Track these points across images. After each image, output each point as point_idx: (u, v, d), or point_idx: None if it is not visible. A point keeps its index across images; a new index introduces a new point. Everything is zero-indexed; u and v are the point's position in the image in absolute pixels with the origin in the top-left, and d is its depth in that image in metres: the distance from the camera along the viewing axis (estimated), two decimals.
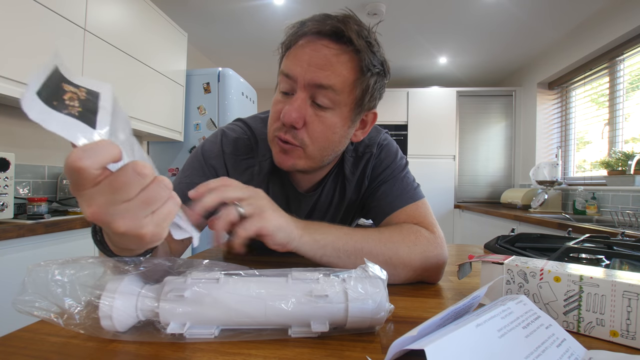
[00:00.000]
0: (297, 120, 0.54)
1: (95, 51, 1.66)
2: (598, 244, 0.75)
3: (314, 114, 0.55)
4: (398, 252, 0.54)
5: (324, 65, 0.53)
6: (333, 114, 0.56)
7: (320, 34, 0.54)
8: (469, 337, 0.27)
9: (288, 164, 0.59)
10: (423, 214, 0.64)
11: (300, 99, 0.54)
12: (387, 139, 0.73)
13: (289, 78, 0.55)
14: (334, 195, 0.72)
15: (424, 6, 2.42)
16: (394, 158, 0.71)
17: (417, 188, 0.69)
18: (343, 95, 0.55)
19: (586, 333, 0.37)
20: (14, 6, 1.28)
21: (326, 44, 0.54)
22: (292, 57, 0.56)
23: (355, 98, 0.57)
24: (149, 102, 2.10)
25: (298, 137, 0.56)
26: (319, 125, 0.56)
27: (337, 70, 0.53)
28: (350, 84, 0.55)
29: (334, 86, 0.54)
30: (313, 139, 0.56)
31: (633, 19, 2.11)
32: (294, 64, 0.55)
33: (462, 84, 3.89)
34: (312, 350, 0.33)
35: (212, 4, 2.44)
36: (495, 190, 3.60)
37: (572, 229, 1.29)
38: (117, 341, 0.34)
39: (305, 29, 0.55)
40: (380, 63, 0.58)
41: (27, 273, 0.33)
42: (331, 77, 0.53)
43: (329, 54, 0.53)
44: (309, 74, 0.53)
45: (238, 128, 0.69)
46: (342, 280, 0.37)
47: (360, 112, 0.60)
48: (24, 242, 1.20)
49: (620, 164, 2.12)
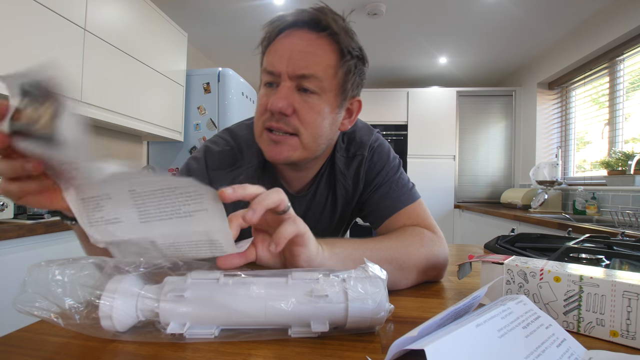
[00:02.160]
0: (286, 107, 0.54)
1: (95, 51, 1.66)
2: (598, 244, 0.75)
3: (302, 100, 0.56)
4: (410, 256, 0.54)
5: (305, 55, 0.54)
6: (320, 100, 0.57)
7: (298, 25, 0.55)
8: (469, 337, 0.27)
9: (282, 156, 0.58)
10: (422, 215, 0.65)
11: (286, 87, 0.55)
12: (379, 140, 0.73)
13: (272, 75, 0.56)
14: (327, 195, 0.72)
15: (424, 6, 2.42)
16: (386, 160, 0.70)
17: (413, 188, 0.69)
18: (327, 81, 0.56)
19: (586, 333, 0.37)
20: (14, 6, 1.28)
21: (305, 33, 0.55)
22: (272, 52, 0.57)
23: (338, 83, 0.58)
24: (149, 102, 2.10)
25: (290, 124, 0.56)
26: (309, 110, 0.56)
27: (319, 56, 0.55)
28: (332, 67, 0.56)
29: (317, 74, 0.55)
30: (305, 124, 0.57)
31: (633, 19, 2.11)
32: (275, 60, 0.55)
33: (462, 84, 3.89)
34: (312, 350, 0.33)
35: (212, 4, 2.44)
36: (495, 190, 3.60)
37: (572, 229, 1.29)
38: (117, 341, 0.34)
39: (283, 21, 0.56)
40: (359, 48, 0.60)
41: (28, 273, 0.33)
42: (312, 66, 0.54)
43: (309, 41, 0.55)
44: (291, 66, 0.54)
45: (221, 140, 0.68)
46: (342, 280, 0.37)
47: (345, 99, 0.61)
48: (24, 242, 1.20)
49: (620, 164, 2.12)
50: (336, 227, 0.77)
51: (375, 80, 3.97)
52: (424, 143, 3.64)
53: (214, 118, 2.45)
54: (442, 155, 3.63)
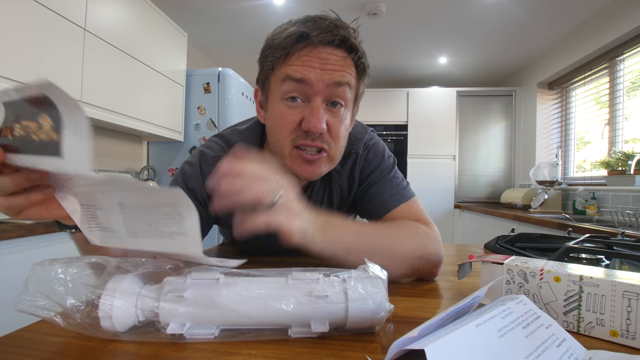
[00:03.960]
0: (324, 128, 0.55)
1: (95, 51, 1.66)
2: (598, 244, 0.75)
3: (332, 116, 0.57)
4: (403, 245, 0.55)
5: (337, 67, 0.55)
6: (344, 112, 0.59)
7: (323, 43, 0.54)
8: (469, 337, 0.27)
9: (316, 173, 0.59)
10: (416, 212, 0.65)
11: (320, 105, 0.55)
12: (374, 138, 0.73)
13: (302, 83, 0.54)
14: (323, 194, 0.72)
15: (424, 6, 2.42)
16: (381, 158, 0.71)
17: (407, 187, 0.69)
18: (352, 93, 0.59)
19: (586, 333, 0.37)
20: (14, 6, 1.28)
21: (332, 50, 0.55)
22: (299, 63, 0.54)
23: (355, 96, 0.61)
24: (149, 102, 2.10)
25: (325, 140, 0.57)
26: (339, 125, 0.58)
27: (348, 70, 0.56)
28: (356, 82, 0.59)
29: (350, 82, 0.56)
30: (335, 139, 0.58)
31: (633, 19, 2.11)
32: (306, 70, 0.53)
33: (462, 84, 3.89)
34: (312, 350, 0.33)
35: (212, 4, 2.44)
36: (495, 190, 3.60)
37: (572, 229, 1.29)
38: (117, 341, 0.34)
39: (307, 36, 0.54)
40: (369, 65, 0.62)
41: (31, 270, 0.33)
42: (346, 75, 0.56)
43: (338, 59, 0.55)
44: (327, 75, 0.54)
45: (216, 145, 0.68)
46: (342, 280, 0.37)
47: (354, 108, 0.64)
48: (24, 242, 1.20)
49: (620, 164, 2.12)
50: None
51: (375, 80, 3.97)
52: (424, 143, 3.64)
53: (214, 118, 2.45)
54: (442, 155, 3.63)
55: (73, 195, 0.38)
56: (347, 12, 2.48)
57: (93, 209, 0.38)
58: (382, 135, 3.57)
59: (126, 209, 0.36)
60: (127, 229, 0.38)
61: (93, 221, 0.39)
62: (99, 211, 0.38)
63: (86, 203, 0.38)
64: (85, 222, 0.39)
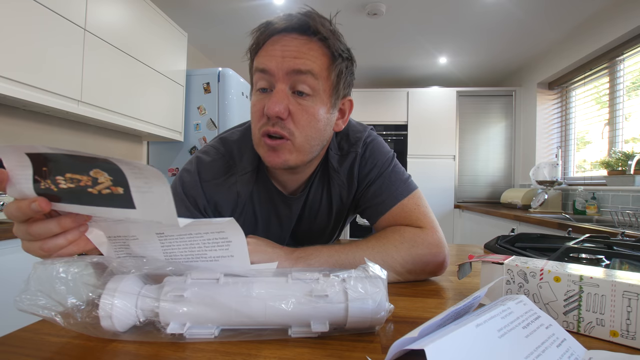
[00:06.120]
0: (282, 111, 0.54)
1: (95, 51, 1.66)
2: (598, 244, 0.75)
3: (297, 103, 0.56)
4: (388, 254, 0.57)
5: (298, 54, 0.55)
6: (314, 101, 0.57)
7: (287, 30, 0.56)
8: (469, 337, 0.27)
9: (279, 160, 0.58)
10: (414, 209, 0.65)
11: (281, 90, 0.55)
12: (372, 136, 0.73)
13: (265, 72, 0.56)
14: (322, 194, 0.72)
15: (424, 6, 2.42)
16: (380, 155, 0.70)
17: (408, 180, 0.69)
18: (321, 81, 0.57)
19: (586, 333, 0.37)
20: (14, 6, 1.28)
21: (295, 37, 0.56)
22: (264, 53, 0.57)
23: (331, 84, 0.59)
24: (149, 102, 2.10)
25: (286, 127, 0.56)
26: (303, 113, 0.57)
27: (311, 57, 0.56)
28: (325, 69, 0.57)
29: (313, 70, 0.55)
30: (300, 127, 0.57)
31: (633, 19, 2.11)
32: (267, 59, 0.55)
33: (462, 84, 3.88)
34: (312, 350, 0.33)
35: (212, 4, 2.44)
36: (495, 190, 3.60)
37: (572, 229, 1.29)
38: (117, 341, 0.34)
39: (272, 27, 0.56)
40: (347, 49, 0.61)
41: (33, 269, 0.33)
42: (307, 62, 0.55)
43: (300, 45, 0.55)
44: (286, 63, 0.54)
45: (212, 150, 0.68)
46: (342, 280, 0.37)
47: (337, 99, 0.62)
48: None
49: (620, 164, 2.12)
50: (333, 226, 0.77)
51: (375, 80, 3.97)
52: (424, 143, 3.64)
53: (214, 118, 2.45)
54: (442, 155, 3.63)
55: (99, 228, 0.39)
56: (347, 12, 2.48)
57: (124, 240, 0.39)
58: (382, 135, 3.56)
59: (165, 237, 0.37)
60: (165, 255, 0.38)
61: (123, 251, 0.40)
62: (132, 241, 0.39)
63: (118, 234, 0.39)
64: (113, 252, 0.40)
